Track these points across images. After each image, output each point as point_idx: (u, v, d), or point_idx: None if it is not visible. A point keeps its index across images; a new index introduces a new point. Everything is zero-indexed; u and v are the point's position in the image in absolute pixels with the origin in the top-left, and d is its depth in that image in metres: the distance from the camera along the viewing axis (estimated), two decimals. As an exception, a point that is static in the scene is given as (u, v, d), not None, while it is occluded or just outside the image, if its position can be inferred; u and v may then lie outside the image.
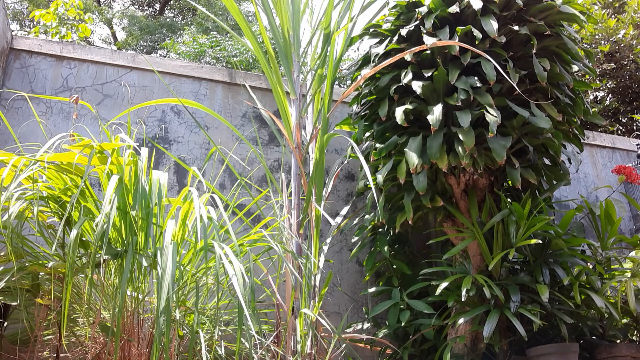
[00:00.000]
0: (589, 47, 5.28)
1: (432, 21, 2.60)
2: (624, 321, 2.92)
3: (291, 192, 2.82)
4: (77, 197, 1.86)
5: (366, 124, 3.02)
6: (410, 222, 2.68)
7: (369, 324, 3.01)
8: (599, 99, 5.67)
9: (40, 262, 1.86)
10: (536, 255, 2.80)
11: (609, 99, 5.58)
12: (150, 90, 3.36)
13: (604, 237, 3.03)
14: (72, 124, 3.09)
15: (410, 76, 2.62)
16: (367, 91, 2.98)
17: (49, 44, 3.26)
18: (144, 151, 1.96)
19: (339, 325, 3.00)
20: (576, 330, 2.82)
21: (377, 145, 2.79)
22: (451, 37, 2.60)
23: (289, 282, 2.56)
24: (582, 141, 3.09)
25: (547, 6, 2.66)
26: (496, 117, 2.40)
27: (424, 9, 2.68)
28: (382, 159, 2.81)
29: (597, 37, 5.28)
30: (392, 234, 3.12)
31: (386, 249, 2.98)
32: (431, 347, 2.91)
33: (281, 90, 2.89)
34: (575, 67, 2.87)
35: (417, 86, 2.56)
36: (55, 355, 1.84)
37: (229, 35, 6.16)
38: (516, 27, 2.58)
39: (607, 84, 5.48)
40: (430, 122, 2.46)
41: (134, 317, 1.94)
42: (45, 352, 2.15)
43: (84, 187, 1.91)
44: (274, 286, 2.61)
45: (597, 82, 5.40)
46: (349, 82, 4.79)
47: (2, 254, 1.92)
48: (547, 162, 2.96)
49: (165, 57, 6.90)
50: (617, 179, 3.72)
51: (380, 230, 3.14)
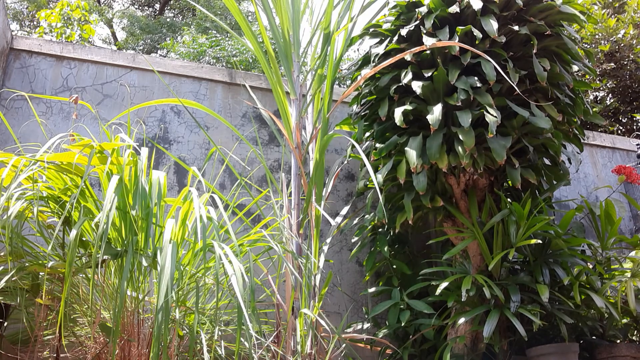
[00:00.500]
0: (589, 47, 5.28)
1: (432, 21, 2.60)
2: (624, 321, 2.92)
3: (291, 192, 2.82)
4: (77, 197, 1.86)
5: (366, 124, 3.02)
6: (410, 222, 2.69)
7: (369, 324, 3.01)
8: (599, 99, 5.67)
9: (40, 262, 1.86)
10: (536, 255, 2.80)
11: (609, 98, 5.58)
12: (150, 90, 3.36)
13: (604, 237, 3.03)
14: (72, 124, 3.09)
15: (410, 76, 2.62)
16: (367, 91, 2.98)
17: (49, 44, 3.26)
18: (144, 151, 1.96)
19: (339, 325, 3.00)
20: (576, 330, 2.83)
21: (377, 145, 2.80)
22: (451, 37, 2.60)
23: (289, 282, 2.56)
24: (582, 141, 3.09)
25: (547, 6, 2.67)
26: (496, 117, 2.40)
27: (424, 9, 2.68)
28: (382, 159, 2.81)
29: (597, 37, 5.27)
30: (392, 234, 3.13)
31: (386, 249, 2.98)
32: (431, 347, 2.91)
33: (281, 90, 2.89)
34: (575, 67, 2.87)
35: (417, 86, 2.57)
36: (55, 355, 1.84)
37: (229, 35, 6.16)
38: (516, 27, 2.58)
39: (607, 84, 5.48)
40: (430, 122, 2.46)
41: (134, 317, 1.94)
42: (45, 352, 2.15)
43: (84, 187, 1.91)
44: (274, 286, 2.61)
45: (597, 82, 5.40)
46: (349, 82, 4.79)
47: (2, 254, 1.92)
48: (547, 162, 2.96)
49: (165, 57, 6.90)
50: (617, 179, 3.72)
51: (380, 230, 3.14)
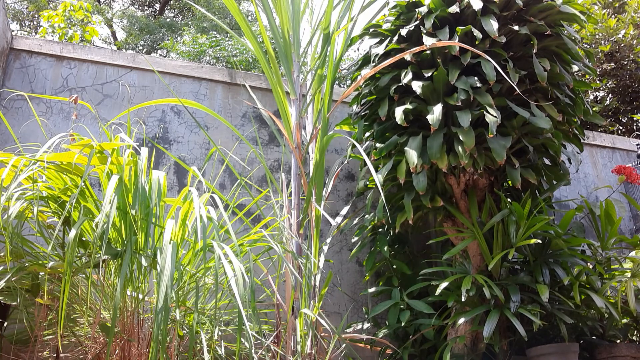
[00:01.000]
0: (589, 47, 5.28)
1: (432, 21, 2.60)
2: (624, 321, 2.92)
3: (291, 192, 2.81)
4: (76, 197, 1.86)
5: (366, 124, 3.02)
6: (410, 222, 2.69)
7: (369, 324, 3.01)
8: (599, 99, 5.67)
9: (40, 262, 1.86)
10: (536, 255, 2.80)
11: (609, 98, 5.58)
12: (150, 90, 3.36)
13: (604, 237, 3.03)
14: (72, 124, 3.09)
15: (410, 76, 2.62)
16: (367, 91, 2.98)
17: (48, 44, 3.26)
18: (144, 151, 1.96)
19: (339, 325, 3.00)
20: (576, 330, 2.82)
21: (377, 145, 2.80)
22: (451, 37, 2.60)
23: (289, 282, 2.56)
24: (582, 141, 3.09)
25: (547, 6, 2.66)
26: (496, 117, 2.40)
27: (424, 9, 2.68)
28: (382, 158, 2.81)
29: (597, 37, 5.27)
30: (392, 234, 3.12)
31: (386, 249, 2.98)
32: (431, 347, 2.91)
33: (281, 90, 2.89)
34: (575, 67, 2.87)
35: (417, 86, 2.56)
36: (55, 355, 1.84)
37: (228, 35, 6.16)
38: (516, 27, 2.58)
39: (607, 84, 5.48)
40: (430, 122, 2.46)
41: (133, 317, 1.94)
42: (45, 352, 2.16)
43: (84, 187, 1.91)
44: (274, 286, 2.61)
45: (597, 82, 5.40)
46: (349, 82, 4.79)
47: (2, 254, 1.92)
48: (547, 162, 2.96)
49: (165, 57, 6.90)
50: (617, 179, 3.71)
51: (380, 230, 3.14)
